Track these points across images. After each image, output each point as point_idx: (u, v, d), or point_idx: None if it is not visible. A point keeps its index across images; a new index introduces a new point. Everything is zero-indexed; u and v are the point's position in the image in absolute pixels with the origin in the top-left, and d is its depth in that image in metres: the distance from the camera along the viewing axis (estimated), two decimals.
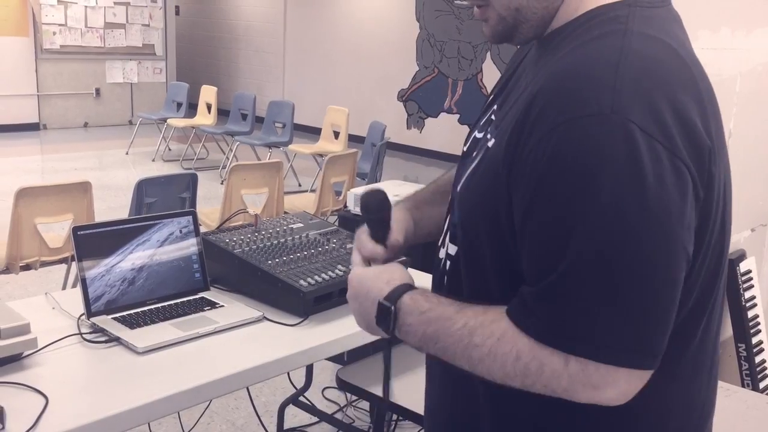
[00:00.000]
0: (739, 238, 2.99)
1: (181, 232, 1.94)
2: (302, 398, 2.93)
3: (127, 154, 8.62)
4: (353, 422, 3.06)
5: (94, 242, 1.79)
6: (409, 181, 3.37)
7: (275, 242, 2.03)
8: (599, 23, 0.90)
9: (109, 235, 1.82)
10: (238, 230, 2.10)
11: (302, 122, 9.48)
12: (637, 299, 0.82)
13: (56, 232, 3.72)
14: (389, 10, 9.30)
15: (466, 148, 1.10)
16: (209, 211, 4.51)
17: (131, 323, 1.72)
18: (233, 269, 1.95)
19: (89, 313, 1.74)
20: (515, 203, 0.88)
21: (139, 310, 1.79)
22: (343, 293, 1.91)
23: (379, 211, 1.13)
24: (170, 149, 8.71)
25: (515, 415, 0.96)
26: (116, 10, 10.42)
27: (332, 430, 3.04)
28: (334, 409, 3.17)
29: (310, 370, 2.86)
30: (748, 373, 2.93)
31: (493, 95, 1.12)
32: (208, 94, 8.59)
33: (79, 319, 1.73)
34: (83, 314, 1.74)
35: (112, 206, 6.18)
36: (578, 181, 0.81)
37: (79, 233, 1.77)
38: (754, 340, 2.95)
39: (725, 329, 2.96)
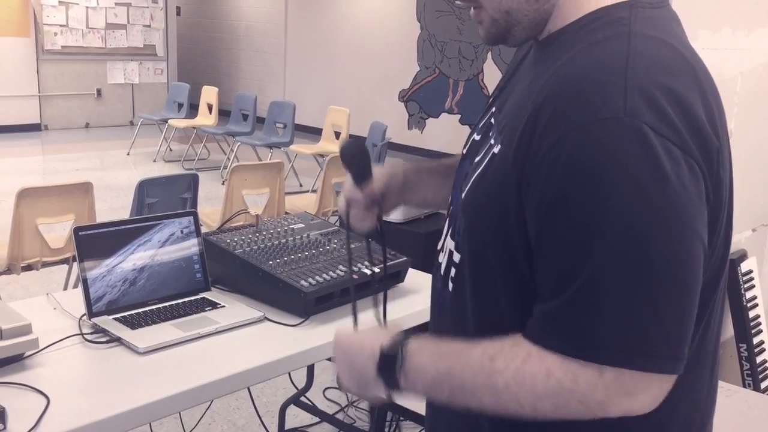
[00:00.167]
0: (740, 238, 2.99)
1: (182, 232, 1.94)
2: (303, 398, 2.93)
3: (128, 154, 8.63)
4: (354, 422, 3.06)
5: (95, 243, 1.79)
6: None
7: (276, 243, 2.04)
8: (602, 26, 0.90)
9: (110, 235, 1.82)
10: (239, 231, 2.10)
11: (303, 123, 9.49)
12: (668, 304, 0.81)
13: (57, 232, 3.72)
14: (390, 10, 9.31)
15: (465, 150, 1.10)
16: (210, 211, 4.51)
17: (132, 323, 1.72)
18: (234, 269, 1.96)
19: (90, 313, 1.74)
20: (529, 211, 0.86)
21: (140, 310, 1.80)
22: (344, 293, 1.93)
23: (354, 157, 1.21)
24: (171, 150, 8.72)
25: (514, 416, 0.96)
26: (117, 10, 10.43)
27: (333, 430, 3.04)
28: (335, 409, 3.17)
29: (311, 370, 2.86)
30: (749, 373, 2.93)
31: (493, 97, 1.11)
32: (209, 94, 8.60)
33: (80, 319, 1.73)
34: (84, 315, 1.74)
35: (113, 207, 6.19)
36: (598, 185, 0.80)
37: (80, 234, 1.77)
38: (755, 340, 2.95)
39: (726, 329, 2.96)
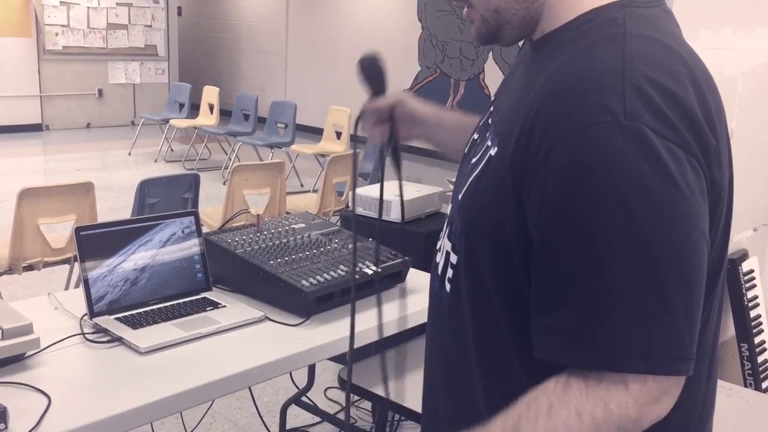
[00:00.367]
0: (741, 237, 2.99)
1: (183, 232, 1.94)
2: (304, 398, 2.93)
3: (129, 154, 8.63)
4: (355, 422, 3.06)
5: (96, 243, 1.79)
6: (411, 181, 3.37)
7: (277, 242, 2.04)
8: (596, 26, 0.89)
9: (111, 235, 1.82)
10: (240, 230, 2.10)
11: (304, 122, 9.49)
12: (680, 305, 0.80)
13: (59, 232, 3.72)
14: (391, 10, 9.30)
15: (466, 150, 1.10)
16: (211, 211, 4.52)
17: (134, 323, 1.72)
18: (235, 269, 1.96)
19: (92, 313, 1.74)
20: (530, 216, 0.86)
21: (141, 310, 1.80)
22: (344, 293, 1.93)
23: (369, 69, 1.31)
24: (173, 150, 8.72)
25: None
26: (119, 10, 10.43)
27: (334, 430, 3.04)
28: (336, 409, 3.17)
29: (312, 370, 2.86)
30: (750, 372, 2.92)
31: (494, 97, 1.11)
32: (210, 94, 8.60)
33: (81, 319, 1.74)
34: (86, 314, 1.74)
35: (114, 207, 6.19)
36: (603, 189, 0.79)
37: (81, 234, 1.77)
38: (756, 339, 2.95)
39: (728, 329, 2.96)
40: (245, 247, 1.98)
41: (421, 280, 2.09)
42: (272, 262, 1.92)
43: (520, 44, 1.08)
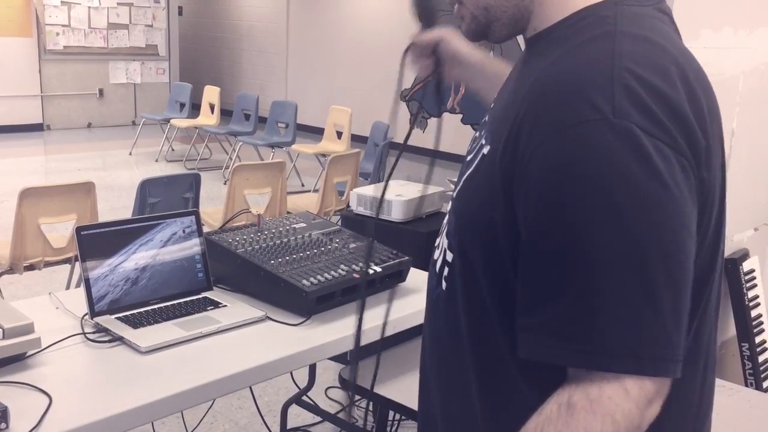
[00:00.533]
0: (742, 237, 2.99)
1: (184, 232, 1.94)
2: (305, 398, 2.93)
3: (130, 154, 8.64)
4: (356, 422, 3.06)
5: (97, 242, 1.79)
6: (412, 180, 3.37)
7: (278, 242, 2.04)
8: (588, 25, 0.89)
9: (112, 235, 1.83)
10: (241, 230, 2.10)
11: (305, 122, 9.49)
12: (668, 306, 0.80)
13: (60, 232, 3.73)
14: (391, 10, 9.30)
15: (468, 148, 1.10)
16: (212, 211, 4.52)
17: (134, 323, 1.73)
18: (236, 269, 1.96)
19: (93, 312, 1.74)
20: (519, 213, 0.85)
21: (142, 309, 1.80)
22: (345, 293, 1.93)
23: (423, 1, 1.34)
24: (173, 149, 8.73)
25: (506, 412, 0.95)
26: (119, 10, 10.44)
27: (335, 429, 3.04)
28: (337, 408, 3.17)
29: (313, 369, 2.86)
30: (751, 372, 2.92)
31: (497, 96, 1.11)
32: (211, 94, 8.60)
33: (82, 318, 1.74)
34: (87, 314, 1.74)
35: (115, 206, 6.20)
36: (592, 188, 0.79)
37: (82, 233, 1.78)
38: (757, 339, 2.95)
39: (729, 328, 2.96)
40: (246, 246, 1.98)
41: (421, 279, 2.08)
42: (273, 261, 1.92)
43: (522, 45, 1.08)
